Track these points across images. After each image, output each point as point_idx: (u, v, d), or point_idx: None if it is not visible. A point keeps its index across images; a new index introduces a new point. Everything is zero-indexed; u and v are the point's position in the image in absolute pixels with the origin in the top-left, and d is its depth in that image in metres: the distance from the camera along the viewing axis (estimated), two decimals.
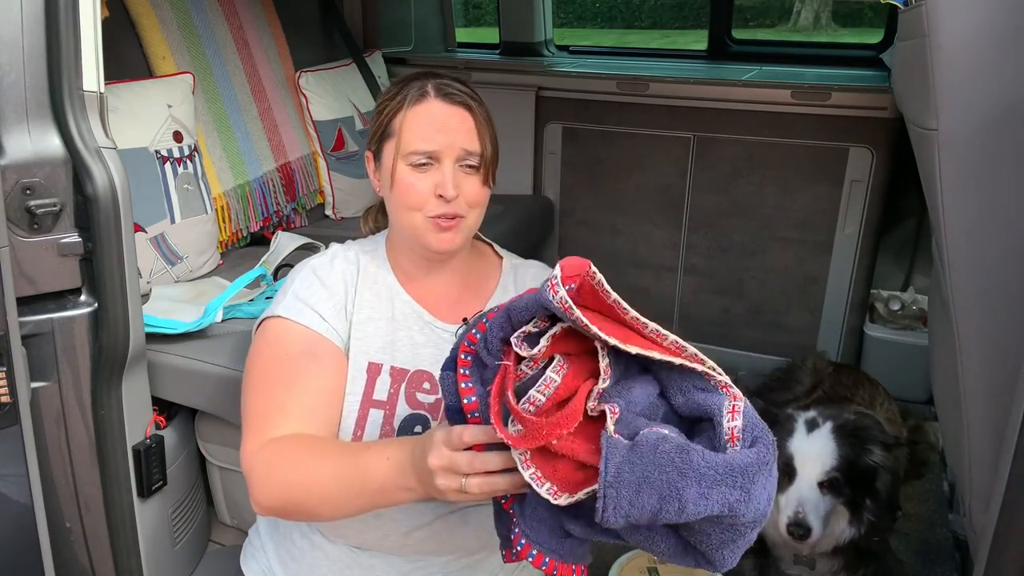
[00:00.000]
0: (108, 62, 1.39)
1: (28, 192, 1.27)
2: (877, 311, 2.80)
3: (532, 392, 0.84)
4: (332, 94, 2.72)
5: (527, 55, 3.38)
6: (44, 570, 1.35)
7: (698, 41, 3.95)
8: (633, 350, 0.81)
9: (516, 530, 0.94)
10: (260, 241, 2.41)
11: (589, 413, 0.85)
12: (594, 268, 0.83)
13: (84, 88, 1.33)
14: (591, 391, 0.85)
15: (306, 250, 2.05)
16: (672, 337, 0.85)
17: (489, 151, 1.24)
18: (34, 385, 1.34)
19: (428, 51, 3.51)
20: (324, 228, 2.64)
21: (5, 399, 1.21)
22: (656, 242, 2.96)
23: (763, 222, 2.78)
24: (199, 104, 2.25)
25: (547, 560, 0.91)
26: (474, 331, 0.92)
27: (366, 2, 3.17)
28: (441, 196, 1.19)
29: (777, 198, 2.74)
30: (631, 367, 0.88)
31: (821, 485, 1.61)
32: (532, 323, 0.87)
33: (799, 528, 1.57)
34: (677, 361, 0.83)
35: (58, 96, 1.30)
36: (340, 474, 1.04)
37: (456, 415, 0.95)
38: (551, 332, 0.85)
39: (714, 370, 0.84)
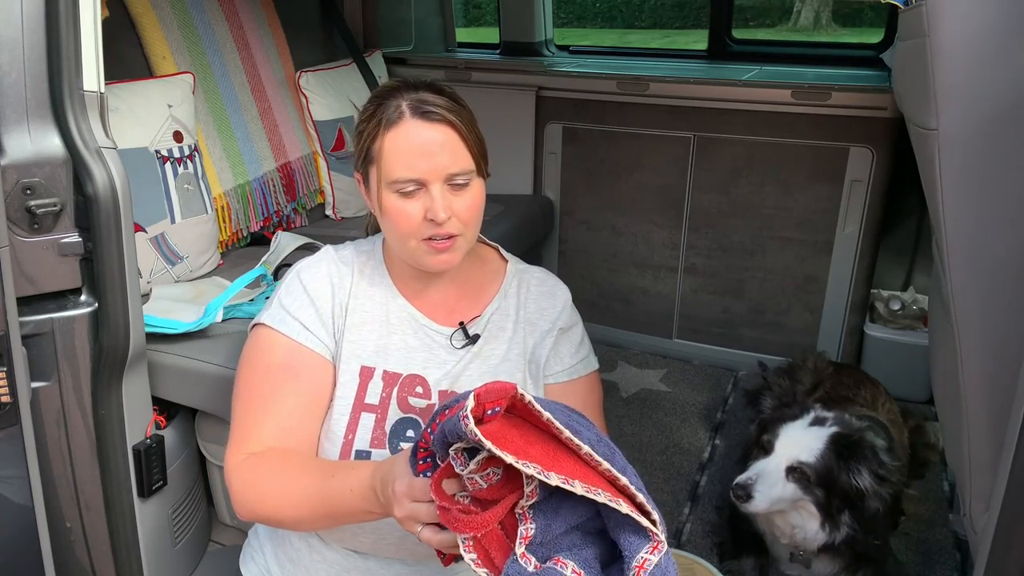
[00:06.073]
0: (108, 62, 1.39)
1: (28, 192, 1.27)
2: (877, 311, 2.79)
3: (466, 477, 0.86)
4: (332, 94, 2.72)
5: (527, 55, 3.37)
6: (44, 570, 1.35)
7: (698, 41, 3.96)
8: (554, 481, 0.79)
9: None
10: (260, 241, 2.41)
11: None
12: (522, 391, 0.82)
13: (84, 88, 1.33)
14: (516, 503, 0.86)
15: (306, 250, 2.04)
16: (606, 465, 0.82)
17: (477, 153, 1.18)
18: (34, 385, 1.34)
19: (428, 51, 3.50)
20: (324, 228, 2.64)
21: (5, 399, 1.21)
22: (656, 242, 2.96)
23: (763, 222, 2.78)
24: (199, 104, 2.25)
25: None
26: (429, 431, 0.90)
27: (366, 2, 3.17)
28: (432, 220, 1.15)
29: (777, 198, 2.74)
30: None
31: (789, 472, 1.63)
32: (465, 441, 0.85)
33: (740, 490, 1.62)
34: (601, 499, 0.80)
35: (58, 96, 1.30)
36: (310, 498, 1.10)
37: None
38: (480, 457, 0.84)
39: (642, 508, 0.81)
